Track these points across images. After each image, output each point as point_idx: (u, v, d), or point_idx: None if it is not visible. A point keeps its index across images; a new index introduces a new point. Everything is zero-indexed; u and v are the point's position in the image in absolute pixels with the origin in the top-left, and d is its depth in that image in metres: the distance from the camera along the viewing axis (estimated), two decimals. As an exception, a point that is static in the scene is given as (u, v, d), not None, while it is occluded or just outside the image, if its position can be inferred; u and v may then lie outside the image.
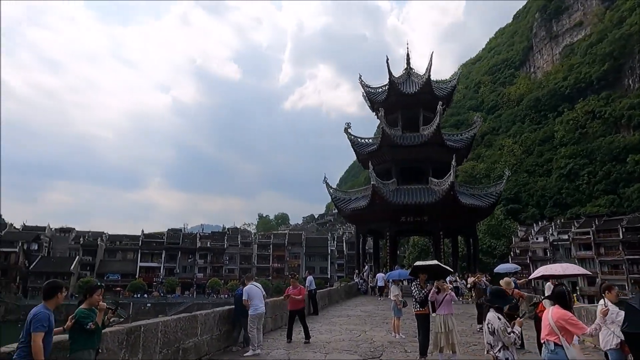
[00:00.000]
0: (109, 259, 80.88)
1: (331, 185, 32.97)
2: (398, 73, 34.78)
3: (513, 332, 4.43)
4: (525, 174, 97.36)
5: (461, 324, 12.20)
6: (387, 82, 32.76)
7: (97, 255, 79.09)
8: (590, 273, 36.81)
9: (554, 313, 4.46)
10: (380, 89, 33.79)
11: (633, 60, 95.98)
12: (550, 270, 8.77)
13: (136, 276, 76.59)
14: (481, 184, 66.49)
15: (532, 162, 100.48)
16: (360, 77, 33.95)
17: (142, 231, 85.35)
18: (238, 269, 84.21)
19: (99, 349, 4.78)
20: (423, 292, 7.88)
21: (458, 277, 25.41)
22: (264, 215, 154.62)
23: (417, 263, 8.25)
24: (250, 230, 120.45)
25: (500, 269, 16.08)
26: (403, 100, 31.88)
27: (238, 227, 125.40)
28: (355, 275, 30.76)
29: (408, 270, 11.93)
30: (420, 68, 35.12)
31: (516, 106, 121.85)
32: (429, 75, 31.53)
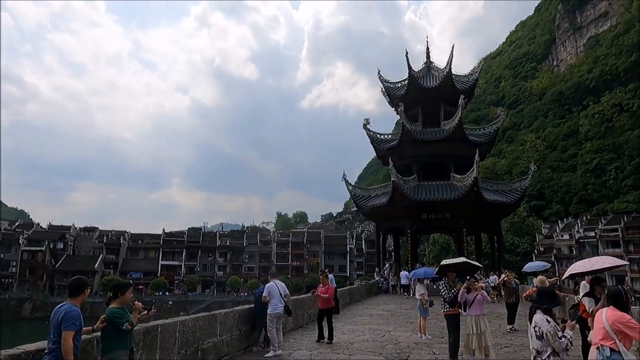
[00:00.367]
0: (131, 257, 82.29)
1: (350, 183, 32.56)
2: (417, 68, 34.05)
3: (564, 337, 3.96)
4: (549, 169, 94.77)
5: (489, 325, 11.66)
6: (407, 76, 32.15)
7: (120, 254, 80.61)
8: (627, 262, 35.17)
9: (609, 315, 3.99)
10: (399, 84, 33.15)
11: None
12: (578, 268, 7.99)
13: (158, 274, 77.71)
14: (503, 180, 65.00)
15: (555, 158, 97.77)
16: (379, 72, 33.42)
17: (163, 230, 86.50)
18: (257, 267, 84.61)
19: (133, 348, 4.64)
20: (452, 291, 7.44)
21: (482, 276, 24.70)
22: (283, 214, 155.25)
23: (445, 261, 7.80)
24: (269, 229, 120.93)
25: (529, 267, 15.40)
26: (423, 94, 31.19)
27: (257, 225, 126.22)
28: (375, 274, 30.29)
29: (433, 269, 11.50)
30: (439, 64, 34.19)
31: (538, 100, 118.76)
32: (450, 69, 30.74)
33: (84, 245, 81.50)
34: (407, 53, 31.49)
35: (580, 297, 7.57)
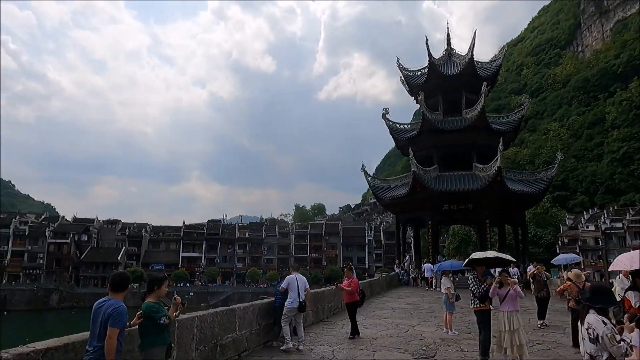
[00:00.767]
0: (153, 249, 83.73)
1: (369, 174, 32.07)
2: (438, 55, 33.13)
3: (623, 340, 3.50)
4: (573, 159, 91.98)
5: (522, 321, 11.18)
6: (426, 64, 31.33)
7: (142, 246, 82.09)
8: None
9: None
10: (419, 72, 32.35)
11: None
12: (619, 264, 7.35)
13: (179, 266, 78.89)
14: (525, 170, 63.37)
15: (580, 147, 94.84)
16: (398, 61, 32.67)
17: (184, 222, 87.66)
18: (276, 259, 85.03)
19: (172, 344, 4.47)
20: (483, 286, 7.00)
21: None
22: (301, 206, 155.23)
23: (474, 255, 7.34)
24: (288, 221, 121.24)
25: (558, 259, 14.76)
26: (444, 82, 30.36)
27: (275, 217, 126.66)
28: (395, 266, 29.87)
29: (460, 262, 11.04)
30: (459, 51, 33.20)
31: (562, 88, 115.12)
32: (472, 55, 29.78)
33: (107, 237, 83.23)
34: (427, 40, 30.65)
35: (624, 292, 7.03)
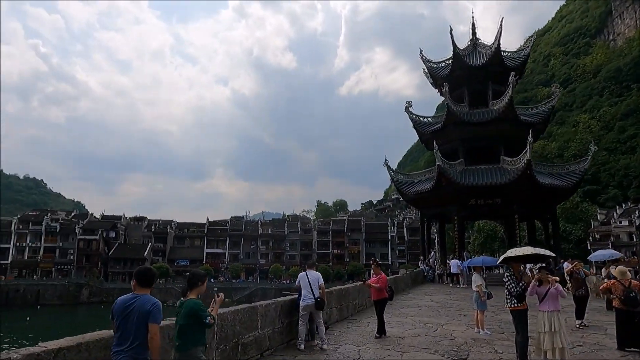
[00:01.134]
0: (178, 245, 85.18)
1: (392, 168, 31.48)
2: (462, 46, 32.16)
3: None
4: (605, 152, 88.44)
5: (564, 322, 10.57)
6: (451, 55, 30.46)
7: (168, 242, 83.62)
8: None
9: None
10: (443, 64, 31.50)
11: None
12: None
13: (203, 262, 80.00)
14: (553, 164, 61.31)
15: (612, 139, 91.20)
16: (421, 52, 31.87)
17: (207, 219, 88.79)
18: (299, 255, 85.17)
19: (205, 345, 4.28)
20: (520, 284, 6.51)
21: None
22: (323, 202, 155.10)
23: (510, 252, 6.85)
24: (310, 217, 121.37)
25: (597, 256, 13.99)
26: (469, 73, 29.46)
27: (298, 214, 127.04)
28: (420, 262, 29.25)
29: (492, 257, 10.52)
30: (484, 42, 32.04)
31: (592, 78, 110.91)
32: (499, 45, 28.75)
33: (134, 234, 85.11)
34: (451, 29, 29.76)
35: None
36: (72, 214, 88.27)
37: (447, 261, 25.35)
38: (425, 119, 31.62)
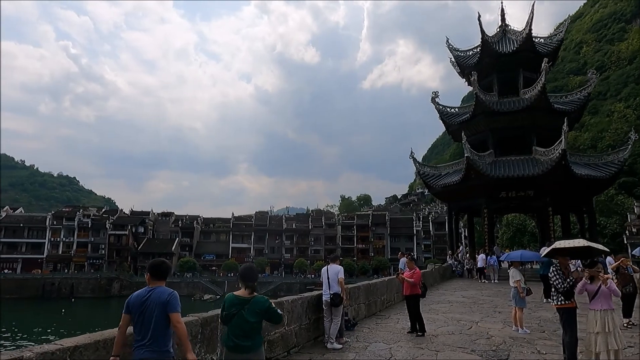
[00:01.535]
0: (204, 240, 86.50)
1: (418, 161, 30.74)
2: (491, 33, 30.98)
3: None
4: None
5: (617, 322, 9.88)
6: (479, 43, 29.41)
7: (194, 237, 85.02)
8: None
9: None
10: (470, 52, 30.48)
11: None
12: None
13: (229, 256, 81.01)
14: (589, 154, 58.76)
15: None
16: (447, 41, 30.92)
17: (233, 214, 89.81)
18: (323, 249, 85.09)
19: None
20: (569, 280, 5.97)
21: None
22: (346, 197, 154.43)
23: (559, 243, 6.30)
24: (334, 212, 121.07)
25: (641, 250, 13.08)
26: (499, 61, 28.34)
27: (321, 209, 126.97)
28: (448, 257, 28.49)
29: (532, 252, 9.90)
30: (514, 28, 30.70)
31: (628, 65, 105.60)
32: (530, 30, 27.50)
33: (162, 229, 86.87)
34: (479, 16, 28.67)
35: None
36: (103, 210, 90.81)
37: (477, 256, 24.56)
38: (452, 110, 30.70)
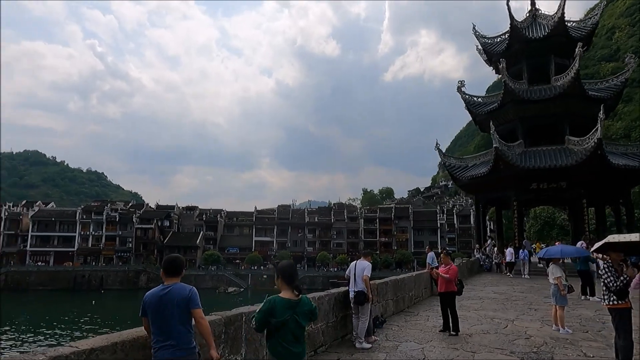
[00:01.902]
0: (227, 233, 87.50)
1: (443, 152, 29.93)
2: (520, 18, 29.73)
3: None
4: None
5: None
6: (507, 29, 28.26)
7: (218, 231, 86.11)
8: None
9: None
10: (498, 39, 29.35)
11: None
12: None
13: (252, 249, 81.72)
14: (627, 144, 56.12)
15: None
16: (474, 28, 29.82)
17: (255, 208, 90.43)
18: (345, 243, 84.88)
19: None
20: (622, 278, 5.45)
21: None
22: (369, 190, 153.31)
23: (612, 237, 5.76)
24: (356, 205, 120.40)
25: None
26: (529, 47, 27.18)
27: (343, 202, 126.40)
28: (475, 251, 27.73)
29: (576, 247, 9.31)
30: (545, 12, 29.31)
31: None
32: (563, 13, 26.22)
33: (186, 223, 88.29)
34: (507, 0, 27.50)
35: None
36: (130, 204, 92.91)
37: (506, 249, 23.76)
38: (479, 99, 29.74)
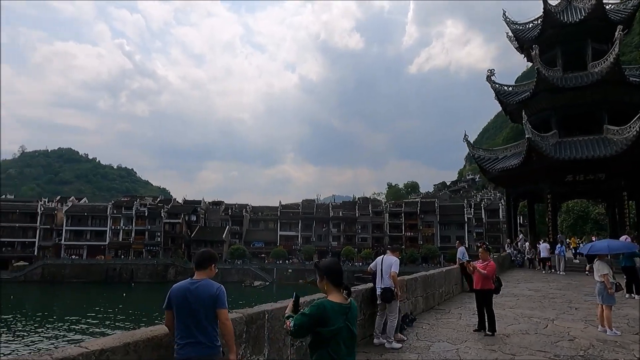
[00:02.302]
0: (253, 228, 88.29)
1: (472, 144, 28.97)
2: (554, 3, 28.36)
3: None
4: None
5: None
6: (540, 14, 26.98)
7: (243, 225, 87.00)
8: None
9: None
10: (530, 25, 28.09)
11: None
12: None
13: (277, 244, 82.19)
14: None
15: None
16: (504, 14, 28.67)
17: (280, 202, 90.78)
18: (370, 237, 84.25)
19: None
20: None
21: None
22: (393, 184, 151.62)
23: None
24: (381, 200, 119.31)
25: None
26: (563, 32, 25.84)
27: (368, 197, 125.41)
28: (506, 246, 26.77)
29: (621, 242, 8.63)
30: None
31: None
32: (601, -6, 24.78)
33: (213, 217, 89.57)
34: (540, -17, 26.19)
35: None
36: (158, 200, 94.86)
37: (539, 244, 22.77)
38: (509, 88, 28.57)
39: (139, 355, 3.21)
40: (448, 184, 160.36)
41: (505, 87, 28.46)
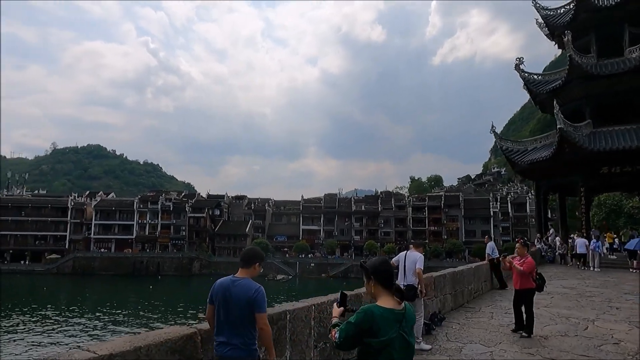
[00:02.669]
0: (275, 222, 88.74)
1: (499, 135, 27.99)
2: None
3: None
4: None
5: None
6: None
7: (266, 219, 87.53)
8: None
9: None
10: (562, 10, 26.80)
11: None
12: None
13: (299, 238, 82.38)
14: None
15: None
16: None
17: (302, 197, 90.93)
18: (393, 232, 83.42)
19: None
20: None
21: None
22: (416, 178, 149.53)
23: None
24: (403, 194, 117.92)
25: None
26: (598, 16, 24.50)
27: (390, 190, 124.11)
28: (536, 241, 25.79)
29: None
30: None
31: None
32: (640, -24, 23.36)
33: (236, 211, 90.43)
34: (573, -34, 24.92)
35: None
36: (183, 194, 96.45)
37: (573, 240, 21.82)
38: (539, 77, 27.38)
39: (150, 358, 2.98)
40: (472, 177, 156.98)
41: (535, 76, 27.29)
